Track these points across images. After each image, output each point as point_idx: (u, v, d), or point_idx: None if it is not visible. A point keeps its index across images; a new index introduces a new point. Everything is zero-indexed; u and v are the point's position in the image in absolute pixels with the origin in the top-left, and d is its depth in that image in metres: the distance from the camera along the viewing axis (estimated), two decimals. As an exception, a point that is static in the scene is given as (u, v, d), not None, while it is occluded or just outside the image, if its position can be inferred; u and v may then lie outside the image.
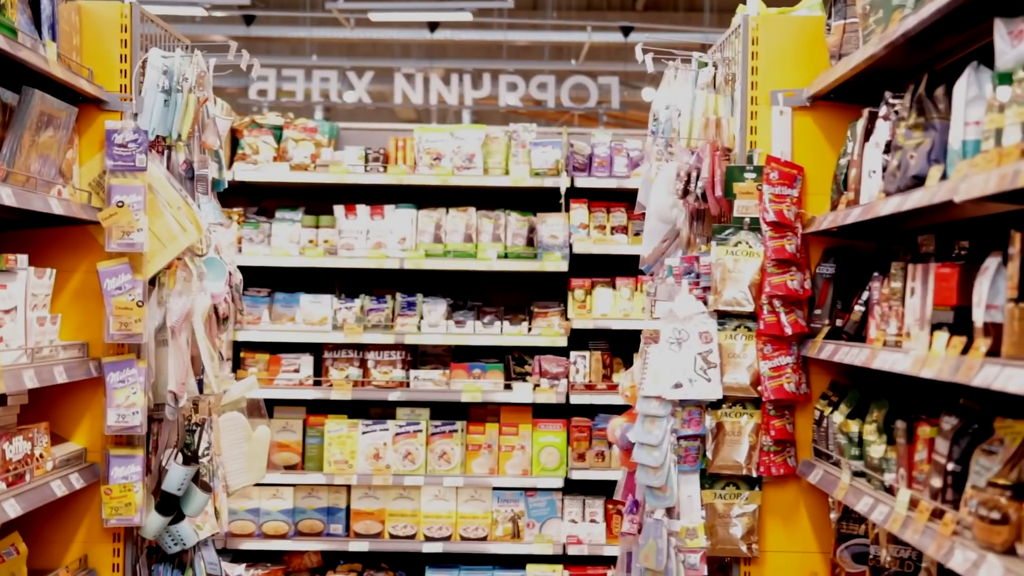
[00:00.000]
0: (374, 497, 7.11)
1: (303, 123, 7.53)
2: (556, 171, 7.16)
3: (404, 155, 7.30)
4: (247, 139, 7.28)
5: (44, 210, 3.98)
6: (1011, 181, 2.64)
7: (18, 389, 3.79)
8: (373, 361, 7.22)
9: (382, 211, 7.21)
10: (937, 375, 3.09)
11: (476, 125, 7.58)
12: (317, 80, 14.32)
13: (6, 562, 4.02)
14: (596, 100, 14.74)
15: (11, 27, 3.81)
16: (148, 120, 4.57)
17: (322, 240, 7.23)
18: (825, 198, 4.49)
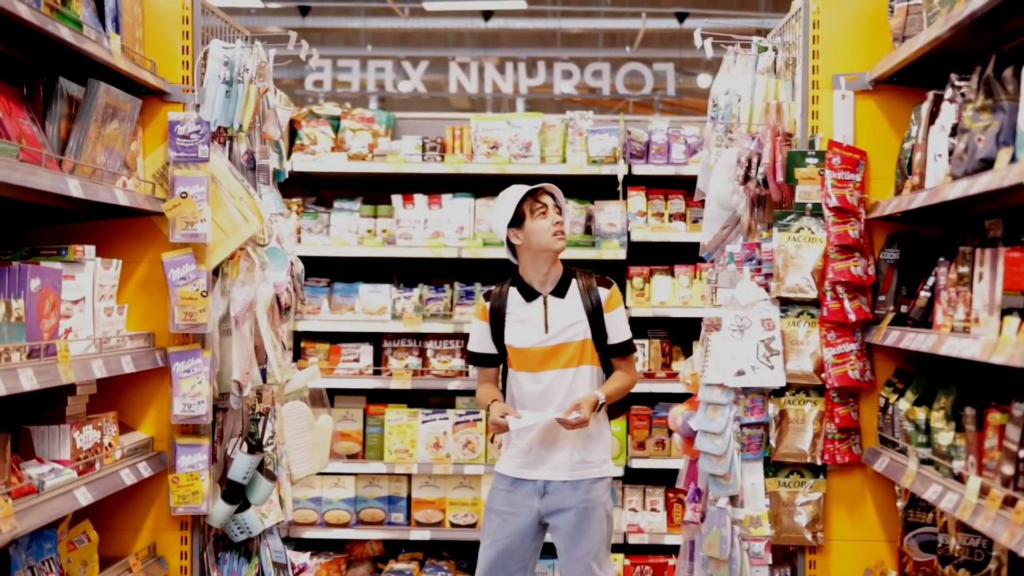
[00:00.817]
0: (435, 486, 7.13)
1: (360, 113, 7.54)
2: (613, 159, 7.13)
3: (461, 144, 7.30)
4: (305, 130, 7.31)
5: (110, 201, 4.01)
6: (1085, 163, 2.61)
7: (87, 379, 3.83)
8: (432, 350, 7.24)
9: (440, 200, 7.22)
10: (1008, 361, 3.06)
11: (533, 113, 7.55)
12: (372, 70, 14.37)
13: (78, 549, 4.06)
14: (651, 87, 14.69)
15: (76, 20, 3.85)
16: (210, 111, 4.60)
17: (380, 230, 7.24)
18: (889, 183, 4.46)
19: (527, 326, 5.02)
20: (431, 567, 7.15)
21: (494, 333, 5.10)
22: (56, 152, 3.87)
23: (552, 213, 4.99)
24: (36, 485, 3.57)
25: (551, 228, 4.95)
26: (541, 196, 5.03)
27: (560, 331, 4.98)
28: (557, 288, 5.04)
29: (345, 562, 7.21)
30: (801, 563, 4.59)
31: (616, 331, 5.06)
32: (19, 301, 3.44)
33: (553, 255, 5.03)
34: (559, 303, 5.01)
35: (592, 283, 5.07)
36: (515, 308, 5.07)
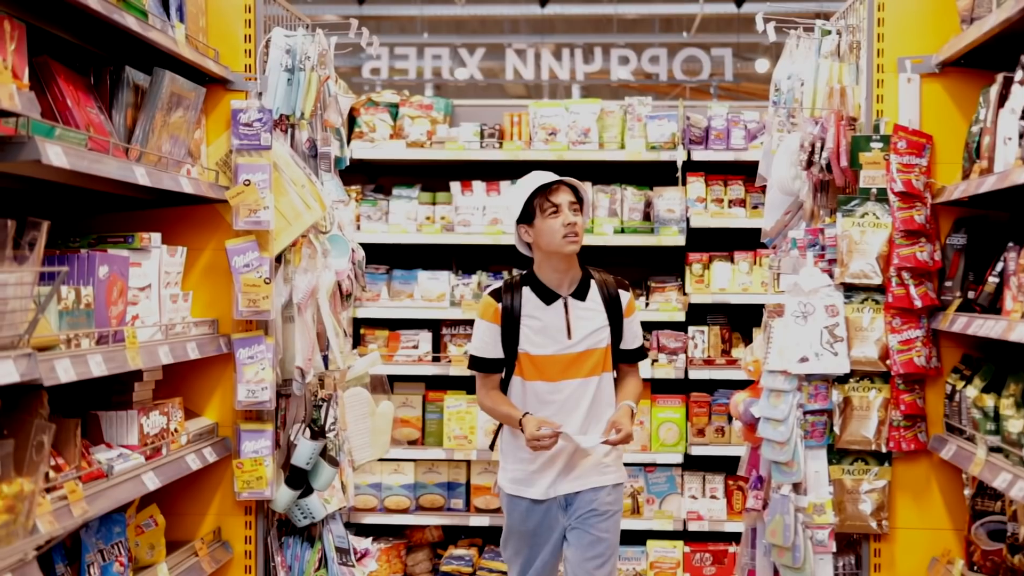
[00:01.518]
0: (493, 472, 7.11)
1: (419, 100, 7.55)
2: (672, 144, 7.10)
3: (519, 131, 7.28)
4: (364, 117, 7.32)
5: (175, 189, 4.04)
6: None
7: (153, 365, 3.86)
8: (491, 336, 7.23)
9: (498, 187, 7.21)
10: (1081, 347, 3.02)
11: (591, 99, 7.53)
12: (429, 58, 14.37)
13: (145, 533, 4.10)
14: (709, 72, 14.61)
15: (142, 9, 3.87)
16: (272, 99, 4.62)
17: (439, 217, 7.25)
18: (956, 167, 4.41)
19: (547, 331, 4.61)
20: (490, 553, 7.15)
21: (505, 337, 4.63)
22: (123, 140, 3.90)
23: (566, 212, 4.52)
24: (105, 470, 3.61)
25: (561, 230, 4.49)
26: (555, 193, 4.56)
27: (584, 337, 4.60)
28: (577, 290, 4.65)
29: (405, 548, 7.24)
30: (866, 551, 4.57)
31: (633, 337, 4.78)
32: (88, 288, 3.47)
33: (567, 256, 4.60)
34: (581, 307, 4.64)
35: (612, 286, 4.73)
36: (532, 311, 4.62)
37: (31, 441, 2.96)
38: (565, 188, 4.61)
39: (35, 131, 3.09)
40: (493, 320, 4.66)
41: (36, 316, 2.95)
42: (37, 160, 2.99)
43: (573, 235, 4.52)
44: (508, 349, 4.64)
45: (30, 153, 2.97)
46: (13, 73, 3.04)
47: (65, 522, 3.11)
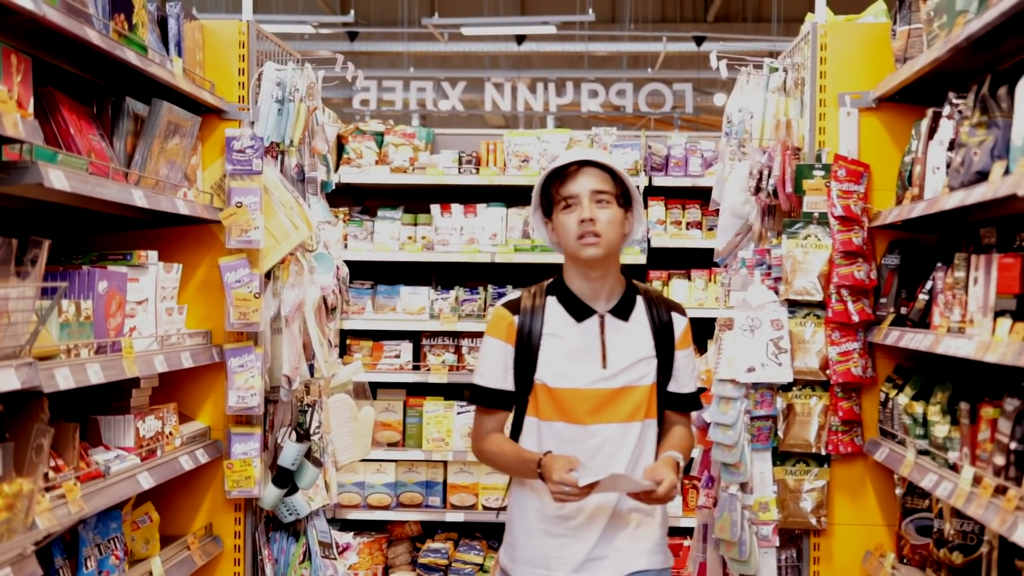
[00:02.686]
0: (468, 472, 7.12)
1: (402, 129, 7.55)
2: (635, 171, 7.11)
3: (495, 158, 7.29)
4: (351, 144, 7.32)
5: (171, 210, 4.03)
6: (1073, 176, 2.58)
7: (150, 373, 3.84)
8: (467, 347, 7.23)
9: (475, 210, 7.21)
10: (1000, 359, 3.04)
11: (561, 129, 7.55)
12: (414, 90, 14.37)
13: (141, 528, 4.08)
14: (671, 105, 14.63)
15: (142, 44, 3.86)
16: (263, 128, 4.61)
17: (420, 237, 7.24)
18: (890, 194, 4.43)
19: (576, 357, 3.32)
20: (465, 546, 7.14)
21: (520, 362, 3.36)
22: (123, 165, 3.88)
23: (584, 205, 3.27)
24: (103, 470, 3.59)
25: (575, 228, 3.27)
26: (573, 180, 3.30)
27: (624, 368, 3.33)
28: (619, 306, 3.37)
29: (386, 541, 7.22)
30: (806, 545, 4.56)
31: (686, 377, 3.46)
32: (88, 302, 3.46)
33: (592, 262, 3.32)
34: (622, 328, 3.35)
35: (663, 306, 3.43)
36: (558, 328, 3.35)
37: (31, 444, 2.94)
38: (591, 172, 3.32)
39: (39, 156, 3.07)
40: (505, 338, 3.39)
41: (37, 328, 2.94)
42: (40, 183, 2.98)
43: (592, 235, 3.25)
44: (521, 379, 3.37)
45: (33, 177, 2.96)
46: (18, 103, 3.03)
47: (63, 519, 3.10)
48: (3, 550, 2.77)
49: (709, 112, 16.12)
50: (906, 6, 4.19)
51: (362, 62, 15.74)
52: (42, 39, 3.39)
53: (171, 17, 4.25)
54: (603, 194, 3.31)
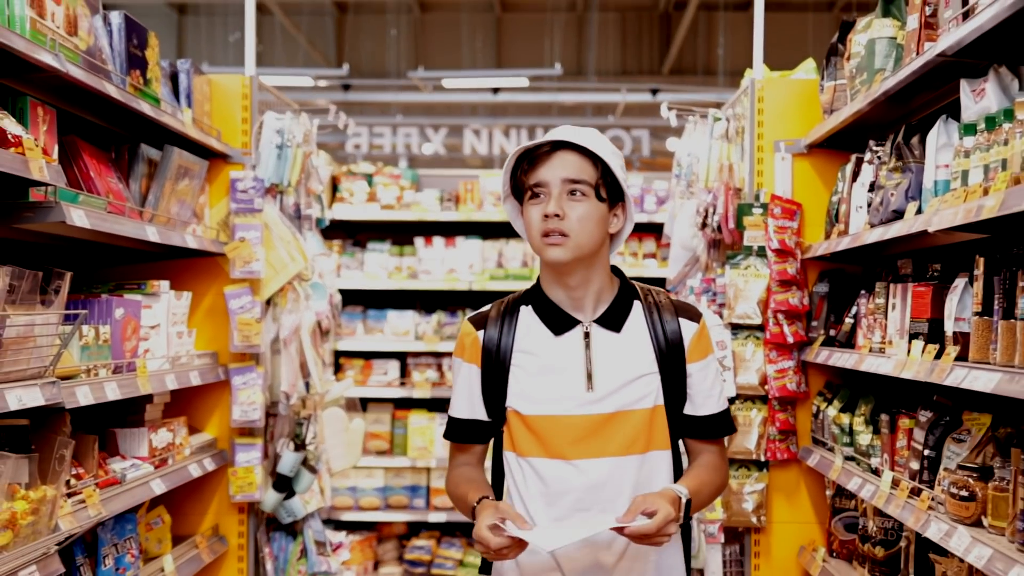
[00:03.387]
0: (449, 477, 7.13)
1: (390, 171, 7.58)
2: (597, 208, 7.16)
3: (472, 196, 7.33)
4: (344, 184, 7.35)
5: (181, 245, 4.04)
6: (975, 214, 2.63)
7: (162, 390, 3.84)
8: (447, 365, 7.25)
9: (454, 242, 7.24)
10: (915, 376, 3.07)
11: (531, 171, 7.59)
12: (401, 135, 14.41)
13: (154, 529, 4.07)
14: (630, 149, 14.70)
15: (155, 97, 3.88)
16: (264, 170, 4.63)
17: (406, 267, 7.27)
18: (820, 229, 4.47)
19: (553, 377, 2.47)
20: (446, 543, 7.15)
21: (488, 386, 2.53)
22: (138, 205, 3.89)
23: (555, 196, 2.41)
24: (119, 477, 3.59)
25: (537, 224, 2.43)
26: (543, 165, 2.44)
27: (615, 390, 2.46)
28: (608, 314, 2.50)
29: (376, 539, 7.22)
30: (748, 541, 4.58)
31: (704, 394, 2.55)
32: (106, 327, 3.46)
33: (564, 266, 2.45)
34: (612, 341, 2.48)
35: (668, 310, 2.54)
36: (531, 344, 2.51)
37: (55, 454, 2.95)
38: (566, 157, 2.44)
39: (62, 197, 3.09)
40: (469, 358, 2.56)
41: (60, 350, 2.95)
42: (63, 221, 2.99)
43: (557, 235, 2.40)
44: (492, 405, 2.54)
45: (57, 216, 2.97)
46: (44, 150, 3.05)
47: (83, 521, 3.10)
48: (29, 550, 2.77)
49: (663, 155, 16.17)
50: (832, 64, 4.24)
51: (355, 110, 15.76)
52: (66, 92, 3.41)
53: (182, 72, 4.27)
54: (578, 184, 2.40)
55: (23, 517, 2.74)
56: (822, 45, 4.57)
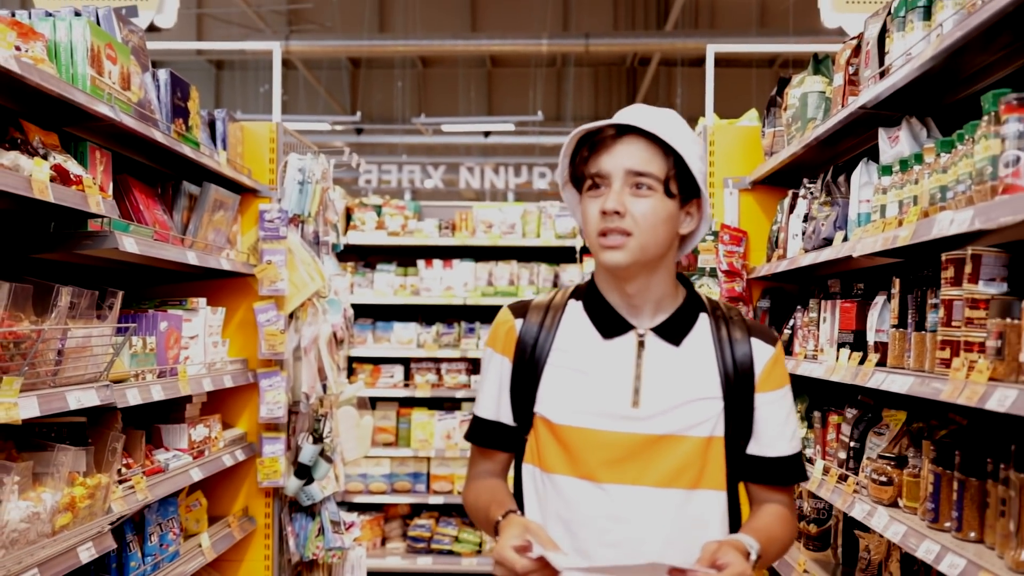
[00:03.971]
0: (446, 465, 7.13)
1: (396, 203, 7.61)
2: (573, 235, 7.19)
3: (466, 224, 7.35)
4: (357, 214, 7.36)
5: (217, 267, 4.05)
6: (892, 242, 2.66)
7: (199, 391, 3.85)
8: (445, 369, 7.26)
9: (451, 264, 7.26)
10: (842, 379, 3.10)
11: (518, 203, 7.63)
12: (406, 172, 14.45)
13: (192, 511, 4.07)
14: (602, 183, 14.77)
15: (196, 141, 3.90)
16: (288, 203, 4.65)
17: (409, 285, 7.28)
18: (762, 254, 4.50)
19: (594, 384, 1.88)
20: (443, 522, 7.15)
21: (518, 384, 1.93)
22: (180, 233, 3.91)
23: (617, 190, 1.82)
24: (163, 466, 3.60)
25: (595, 221, 1.85)
26: (605, 152, 1.84)
27: (666, 410, 1.86)
28: (669, 324, 1.91)
29: (383, 519, 7.21)
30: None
31: (775, 432, 1.93)
32: (152, 337, 3.48)
33: (622, 271, 1.86)
34: (669, 354, 1.89)
35: (739, 329, 1.94)
36: (575, 342, 1.92)
37: (108, 447, 2.96)
38: (634, 144, 1.83)
39: (115, 227, 3.11)
40: (501, 349, 1.97)
41: (112, 358, 2.96)
42: (116, 248, 3.01)
43: (617, 234, 1.82)
44: (519, 408, 1.93)
45: (111, 243, 2.99)
46: (100, 187, 3.07)
47: (132, 504, 3.11)
48: (86, 528, 2.78)
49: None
50: (772, 114, 4.28)
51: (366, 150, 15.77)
52: (120, 138, 3.43)
53: (218, 120, 4.30)
54: (644, 177, 1.80)
55: (81, 501, 2.75)
56: (763, 97, 4.60)
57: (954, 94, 2.87)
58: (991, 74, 2.60)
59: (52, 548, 2.59)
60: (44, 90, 2.60)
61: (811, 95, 3.75)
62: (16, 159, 2.53)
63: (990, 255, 2.30)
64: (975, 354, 2.24)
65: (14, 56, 2.45)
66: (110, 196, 3.17)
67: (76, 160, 2.91)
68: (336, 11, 13.96)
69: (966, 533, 2.36)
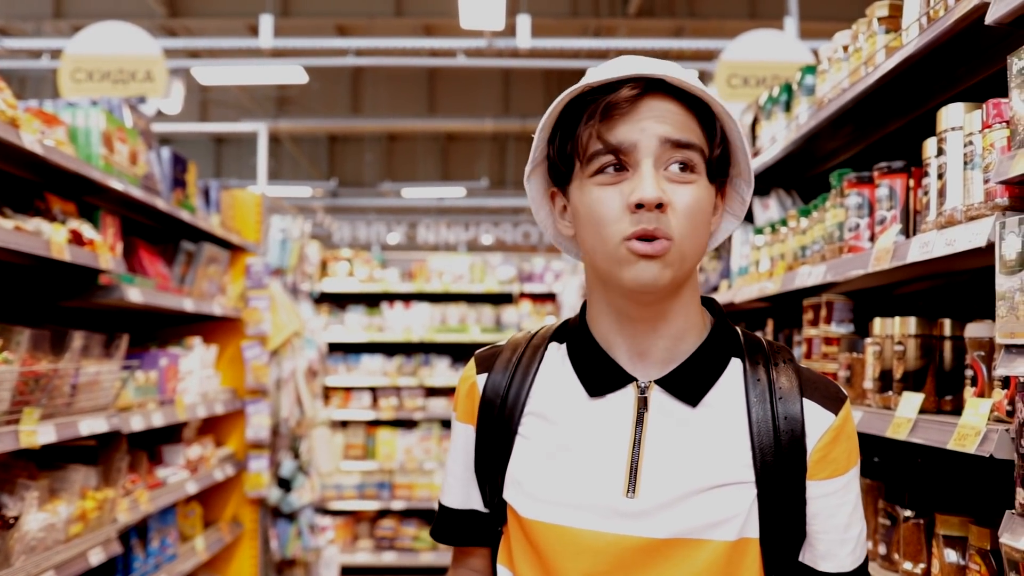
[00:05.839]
0: (407, 475, 7.08)
1: (364, 255, 7.61)
2: (512, 281, 7.25)
3: (423, 273, 7.38)
4: (331, 265, 7.35)
5: (210, 312, 4.02)
6: (764, 291, 2.74)
7: (195, 417, 3.81)
8: (405, 395, 7.23)
9: (410, 306, 7.27)
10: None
11: (466, 254, 7.69)
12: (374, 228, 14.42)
13: (189, 518, 4.00)
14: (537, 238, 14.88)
15: (192, 207, 3.88)
16: (271, 258, 4.65)
17: (375, 324, 7.27)
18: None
19: (576, 465, 1.00)
20: (405, 523, 7.09)
21: (483, 461, 1.07)
22: (178, 284, 3.89)
23: (649, 172, 0.93)
24: (163, 481, 3.54)
25: (620, 220, 0.94)
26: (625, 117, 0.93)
27: (671, 501, 0.96)
28: (682, 373, 1.00)
29: (354, 522, 7.12)
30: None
31: (835, 536, 1.00)
32: (154, 372, 3.44)
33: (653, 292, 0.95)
34: (680, 419, 0.99)
35: (786, 379, 1.00)
36: (553, 402, 1.04)
37: (115, 466, 2.92)
38: (662, 105, 0.95)
39: (123, 280, 3.08)
40: (464, 416, 1.12)
41: (119, 391, 2.93)
42: (123, 298, 2.99)
43: (660, 239, 0.94)
44: (488, 490, 1.08)
45: (119, 294, 2.97)
46: (111, 247, 3.05)
47: (136, 514, 3.06)
48: (96, 536, 2.73)
49: (561, 242, 16.33)
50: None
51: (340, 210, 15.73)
52: (128, 205, 3.42)
53: (212, 189, 4.28)
54: (687, 151, 0.98)
55: (91, 512, 2.71)
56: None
57: (812, 170, 2.98)
58: (839, 156, 2.71)
59: (66, 553, 2.54)
60: (64, 168, 2.60)
61: (701, 170, 3.84)
62: (38, 225, 2.51)
63: (840, 301, 2.39)
64: (829, 381, 2.31)
65: (38, 140, 2.44)
66: (119, 254, 3.14)
67: (91, 224, 2.89)
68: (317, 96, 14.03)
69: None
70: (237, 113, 13.55)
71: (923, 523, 1.85)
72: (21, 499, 2.38)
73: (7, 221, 2.33)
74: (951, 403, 1.80)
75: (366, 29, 11.13)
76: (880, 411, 1.91)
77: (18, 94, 2.62)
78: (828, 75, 2.41)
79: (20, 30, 10.50)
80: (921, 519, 1.85)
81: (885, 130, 2.39)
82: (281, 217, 4.78)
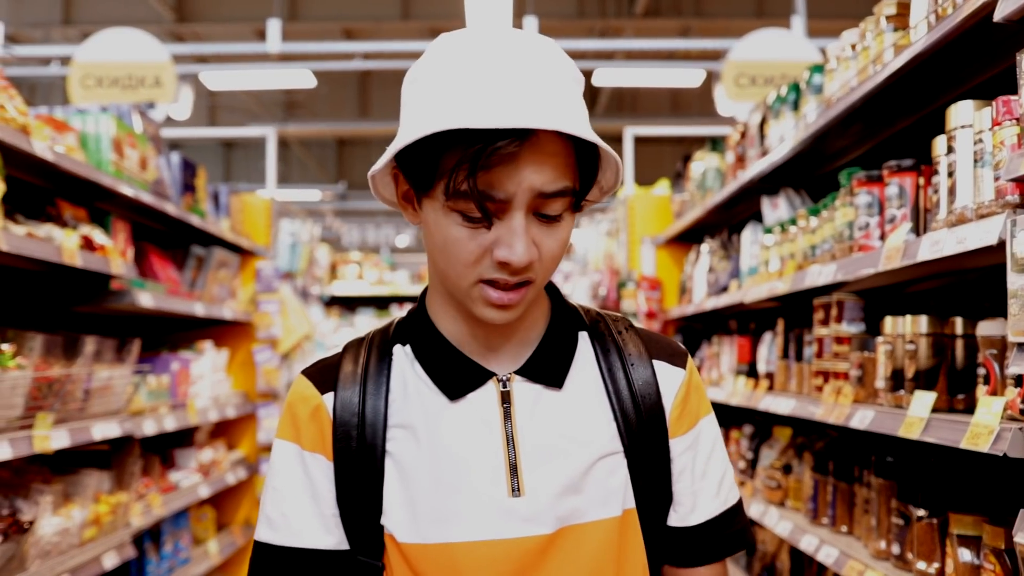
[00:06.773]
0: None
1: (374, 258, 7.63)
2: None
3: (433, 276, 7.40)
4: (341, 268, 7.37)
5: (220, 316, 4.04)
6: (770, 292, 2.74)
7: (207, 421, 3.82)
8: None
9: (420, 309, 7.29)
10: (739, 403, 3.14)
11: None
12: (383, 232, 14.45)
13: (202, 522, 4.02)
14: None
15: (202, 212, 3.90)
16: (281, 262, 4.66)
17: (385, 326, 7.30)
18: (675, 298, 4.54)
19: (451, 475, 0.93)
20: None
21: (353, 494, 0.94)
22: (188, 288, 3.90)
23: (524, 227, 0.86)
24: (176, 485, 3.55)
25: (477, 263, 0.89)
26: (502, 166, 0.84)
27: (560, 489, 0.93)
28: (540, 358, 0.97)
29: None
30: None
31: (698, 487, 1.01)
32: (165, 376, 3.46)
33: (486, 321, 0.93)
34: (549, 403, 0.96)
35: (636, 347, 1.01)
36: (413, 412, 0.95)
37: (128, 470, 2.93)
38: (544, 149, 0.86)
39: (134, 285, 3.10)
40: (309, 445, 0.97)
41: (131, 395, 2.94)
42: (134, 303, 3.00)
43: (514, 289, 0.90)
44: (359, 526, 0.95)
45: (130, 299, 2.99)
46: (122, 253, 3.07)
47: (149, 518, 3.07)
48: (110, 540, 2.74)
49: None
50: (679, 184, 4.37)
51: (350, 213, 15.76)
52: (139, 210, 3.43)
53: (221, 193, 4.30)
54: (556, 200, 0.90)
55: (105, 516, 2.72)
56: (673, 170, 4.70)
57: (821, 169, 2.97)
58: (848, 154, 2.70)
59: (80, 557, 2.55)
60: (74, 174, 2.61)
61: (709, 170, 3.84)
62: (50, 231, 2.53)
63: (851, 301, 2.38)
64: (841, 381, 2.31)
65: (49, 147, 2.46)
66: (130, 259, 3.16)
67: (102, 230, 2.91)
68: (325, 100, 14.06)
69: (839, 527, 2.41)
70: (246, 118, 13.59)
71: (937, 523, 1.84)
72: (36, 504, 2.39)
73: (19, 227, 2.35)
74: (964, 402, 1.79)
75: (373, 32, 11.16)
76: (892, 410, 1.90)
77: (28, 101, 2.64)
78: (836, 74, 2.40)
79: (29, 37, 10.57)
80: (935, 519, 1.85)
81: (894, 128, 2.38)
82: (290, 221, 4.79)
